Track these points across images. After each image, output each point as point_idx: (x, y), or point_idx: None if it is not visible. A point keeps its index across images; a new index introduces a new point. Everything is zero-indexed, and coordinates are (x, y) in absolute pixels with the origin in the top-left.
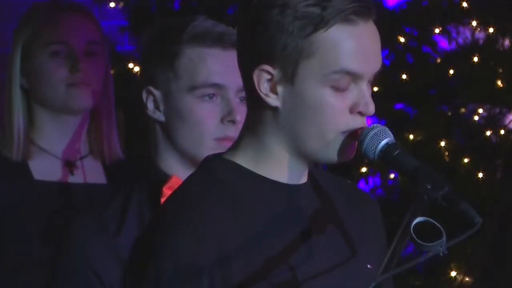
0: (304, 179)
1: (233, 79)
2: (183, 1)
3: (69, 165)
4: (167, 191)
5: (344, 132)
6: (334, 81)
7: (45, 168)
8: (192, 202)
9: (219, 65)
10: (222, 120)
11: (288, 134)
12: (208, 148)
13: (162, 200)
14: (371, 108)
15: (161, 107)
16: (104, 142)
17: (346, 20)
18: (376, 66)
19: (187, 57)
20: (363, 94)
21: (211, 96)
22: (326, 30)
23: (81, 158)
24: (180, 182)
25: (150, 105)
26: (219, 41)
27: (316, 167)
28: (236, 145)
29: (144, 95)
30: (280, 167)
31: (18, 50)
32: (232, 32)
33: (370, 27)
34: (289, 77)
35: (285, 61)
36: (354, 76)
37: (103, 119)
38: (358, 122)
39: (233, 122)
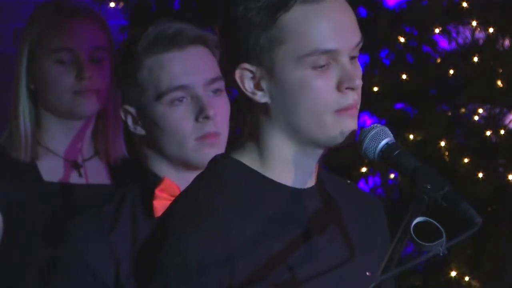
0: (311, 183)
1: (196, 76)
2: (183, 1)
3: (76, 166)
4: (159, 193)
5: (338, 111)
6: (311, 62)
7: (53, 169)
8: (198, 203)
9: (178, 67)
10: (197, 119)
11: (284, 127)
12: (191, 149)
13: (154, 201)
14: (357, 81)
15: (139, 122)
16: (110, 144)
17: None
18: (353, 39)
19: (147, 68)
20: (345, 69)
21: (180, 99)
22: (289, 10)
23: (87, 159)
24: (172, 184)
25: (130, 122)
26: (172, 42)
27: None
28: (242, 145)
29: (122, 114)
30: (286, 166)
31: (24, 53)
32: (189, 28)
33: (338, 2)
34: (269, 69)
35: (260, 54)
36: (331, 53)
37: (109, 121)
38: (349, 98)
39: (208, 118)
